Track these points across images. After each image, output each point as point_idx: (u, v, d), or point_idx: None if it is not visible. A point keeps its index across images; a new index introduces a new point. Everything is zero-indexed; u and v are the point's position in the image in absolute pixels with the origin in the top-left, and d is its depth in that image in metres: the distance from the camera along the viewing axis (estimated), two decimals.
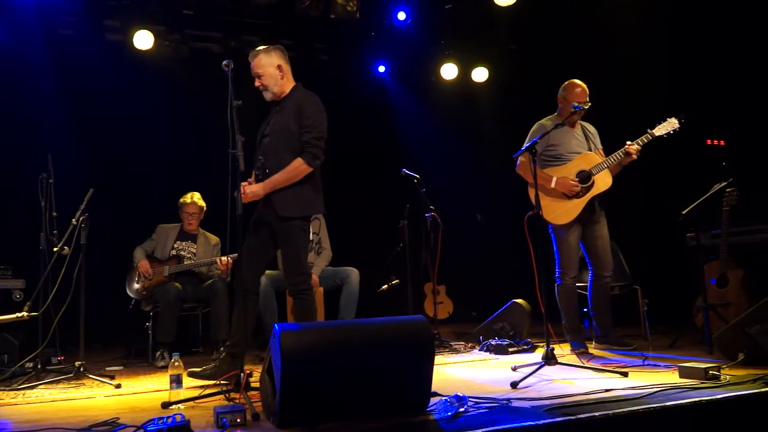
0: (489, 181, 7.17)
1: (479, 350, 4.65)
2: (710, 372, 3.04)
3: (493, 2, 6.11)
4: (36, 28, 5.75)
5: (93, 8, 5.88)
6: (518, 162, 4.30)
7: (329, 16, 6.09)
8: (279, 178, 3.58)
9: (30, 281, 4.81)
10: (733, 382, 2.96)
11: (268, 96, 3.72)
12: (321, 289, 5.18)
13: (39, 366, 4.13)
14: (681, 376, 3.15)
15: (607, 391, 2.92)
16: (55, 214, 4.33)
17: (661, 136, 4.15)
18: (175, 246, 5.13)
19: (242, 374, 3.02)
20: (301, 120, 3.65)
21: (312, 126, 3.65)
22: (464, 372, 3.84)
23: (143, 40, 5.94)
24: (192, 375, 3.44)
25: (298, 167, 3.61)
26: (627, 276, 5.06)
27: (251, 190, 3.56)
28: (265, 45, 6.24)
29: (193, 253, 5.13)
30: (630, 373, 3.31)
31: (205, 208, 5.24)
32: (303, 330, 2.62)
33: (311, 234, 5.36)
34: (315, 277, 5.14)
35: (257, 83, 3.69)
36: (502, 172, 5.76)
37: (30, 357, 4.21)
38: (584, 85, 4.35)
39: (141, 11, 5.95)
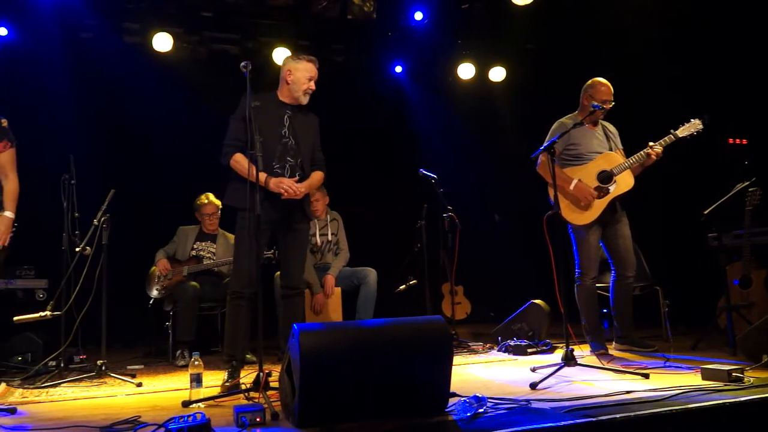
0: (507, 181, 7.14)
1: (498, 351, 4.63)
2: (734, 374, 3.00)
3: (510, 1, 6.08)
4: (57, 32, 5.84)
5: (112, 11, 5.96)
6: (538, 161, 4.28)
7: (346, 16, 6.11)
8: (313, 184, 3.83)
9: (53, 281, 4.88)
10: (757, 384, 2.92)
11: (304, 100, 3.80)
12: (338, 289, 5.20)
13: (62, 364, 4.19)
14: (703, 378, 3.11)
15: (628, 392, 2.89)
16: (77, 214, 4.39)
17: (684, 138, 4.11)
18: (195, 246, 5.17)
19: (261, 374, 3.03)
20: (316, 138, 3.92)
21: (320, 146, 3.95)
22: (483, 373, 3.82)
23: (162, 42, 5.99)
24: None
25: (321, 179, 3.91)
26: (648, 276, 5.01)
27: (302, 189, 3.67)
28: (282, 46, 6.34)
29: (213, 252, 5.17)
30: (651, 375, 3.28)
31: (221, 206, 5.26)
32: (322, 330, 2.63)
33: (330, 235, 5.39)
34: (331, 278, 5.16)
35: (313, 88, 3.79)
36: (520, 172, 5.73)
37: (53, 356, 4.28)
38: (608, 84, 4.31)
39: (159, 14, 6.02)
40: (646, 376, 3.25)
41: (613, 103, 4.29)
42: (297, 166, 3.74)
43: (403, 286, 5.84)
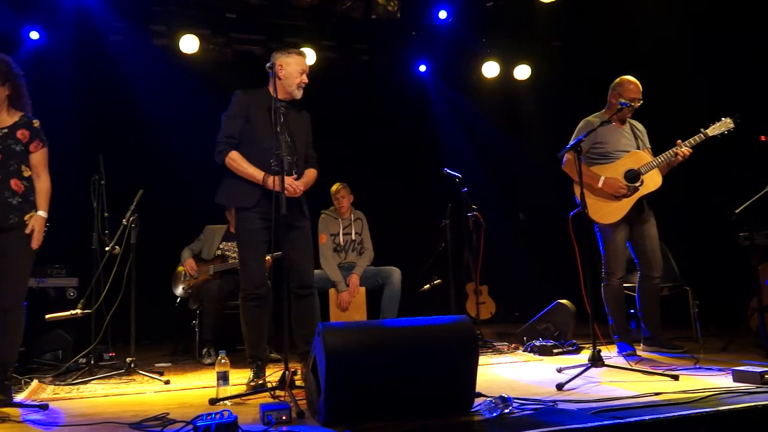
0: (532, 180, 7.09)
1: (523, 351, 4.59)
2: (766, 376, 2.94)
3: None
4: (86, 35, 5.94)
5: (140, 14, 6.04)
6: (564, 160, 4.23)
7: (370, 16, 6.11)
8: (308, 182, 3.74)
9: (83, 280, 4.96)
10: None
11: (298, 95, 3.68)
12: (363, 288, 5.21)
13: (92, 362, 4.27)
14: (735, 380, 3.06)
15: (657, 394, 2.85)
16: (106, 214, 4.47)
17: (714, 137, 4.04)
18: (221, 246, 5.22)
19: (287, 372, 3.05)
20: (308, 135, 3.82)
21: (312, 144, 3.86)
22: (508, 373, 3.80)
23: (189, 44, 6.06)
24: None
25: (315, 177, 3.82)
26: (677, 276, 4.93)
27: (302, 188, 3.62)
28: (307, 46, 6.37)
29: None
30: (681, 377, 3.23)
31: None
32: (347, 329, 2.64)
33: (354, 234, 5.40)
34: (356, 277, 5.17)
35: (306, 81, 3.69)
36: (545, 171, 5.68)
37: (83, 353, 4.36)
38: (637, 82, 4.26)
39: (186, 16, 6.08)
40: (676, 377, 3.21)
41: (642, 102, 4.24)
42: (293, 163, 3.66)
43: (428, 285, 5.83)
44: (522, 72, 7.18)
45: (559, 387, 3.11)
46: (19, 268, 3.26)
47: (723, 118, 4.04)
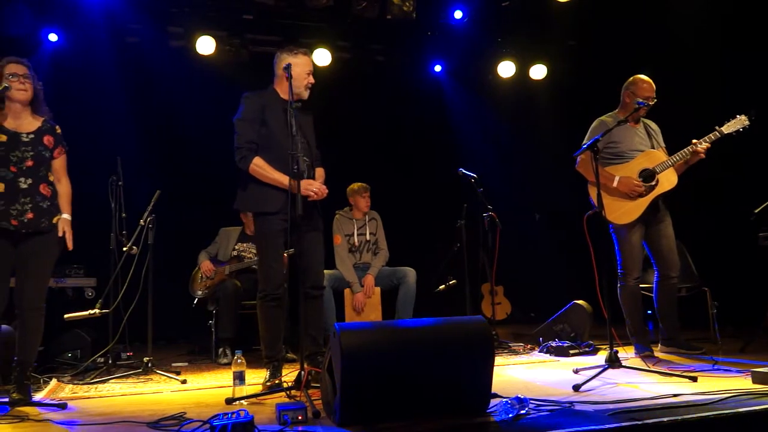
0: (547, 180, 7.05)
1: (539, 352, 4.57)
2: None
3: None
4: (105, 37, 6.00)
5: (158, 16, 6.09)
6: (578, 160, 4.21)
7: (386, 16, 6.10)
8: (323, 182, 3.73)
9: (101, 280, 5.02)
10: None
11: (305, 95, 3.67)
12: (378, 288, 5.21)
13: (110, 361, 4.31)
14: (754, 382, 3.02)
15: (675, 396, 2.82)
16: (124, 215, 4.52)
17: (730, 134, 3.99)
18: (237, 247, 5.25)
19: (303, 372, 3.06)
20: (312, 135, 3.79)
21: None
22: (524, 374, 3.78)
23: (205, 45, 6.10)
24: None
25: (324, 176, 3.79)
26: (695, 277, 4.88)
27: (326, 189, 3.62)
28: (322, 47, 6.38)
29: (254, 253, 5.23)
30: (699, 378, 3.19)
31: None
32: (363, 330, 2.64)
33: (368, 234, 5.40)
34: (371, 278, 5.18)
35: (312, 81, 3.69)
36: (560, 171, 5.64)
37: (102, 352, 4.41)
38: (650, 81, 4.22)
39: (203, 17, 6.12)
40: (694, 379, 3.17)
41: (656, 100, 4.20)
42: (310, 164, 3.67)
43: (443, 286, 5.82)
44: (538, 72, 7.15)
45: (576, 388, 3.09)
46: (43, 270, 3.35)
47: (738, 116, 4.00)
